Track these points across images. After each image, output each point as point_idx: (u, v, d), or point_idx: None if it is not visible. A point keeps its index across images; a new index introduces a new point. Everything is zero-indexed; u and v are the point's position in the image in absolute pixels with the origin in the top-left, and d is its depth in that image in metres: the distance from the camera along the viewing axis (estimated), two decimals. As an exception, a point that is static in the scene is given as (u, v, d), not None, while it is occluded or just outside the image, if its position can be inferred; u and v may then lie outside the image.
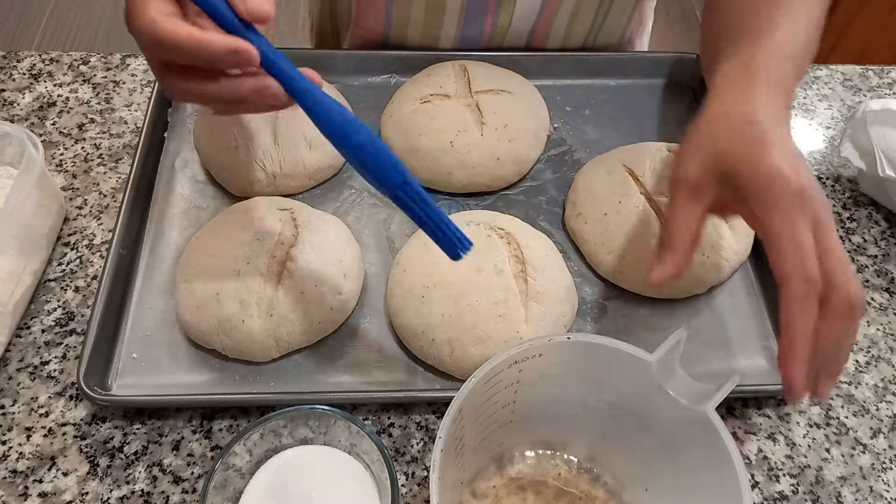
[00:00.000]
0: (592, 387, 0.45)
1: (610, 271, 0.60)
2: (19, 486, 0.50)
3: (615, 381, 0.44)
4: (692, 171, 0.47)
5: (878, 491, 0.52)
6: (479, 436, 0.46)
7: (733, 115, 0.47)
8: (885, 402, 0.57)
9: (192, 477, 0.51)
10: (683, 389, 0.42)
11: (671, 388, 0.42)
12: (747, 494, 0.38)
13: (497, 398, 0.44)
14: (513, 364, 0.43)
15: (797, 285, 0.41)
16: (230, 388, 0.54)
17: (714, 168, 0.46)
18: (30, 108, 0.71)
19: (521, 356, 0.43)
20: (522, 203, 0.66)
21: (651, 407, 0.43)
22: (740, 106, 0.47)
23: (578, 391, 0.46)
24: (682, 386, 0.42)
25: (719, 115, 0.48)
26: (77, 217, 0.64)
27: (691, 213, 0.46)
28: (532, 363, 0.43)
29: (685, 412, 0.41)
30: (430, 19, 0.72)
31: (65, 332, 0.57)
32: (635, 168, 0.62)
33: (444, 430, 0.39)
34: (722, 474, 0.39)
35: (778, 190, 0.43)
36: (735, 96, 0.48)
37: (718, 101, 0.49)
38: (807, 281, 0.41)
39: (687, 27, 2.15)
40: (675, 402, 0.41)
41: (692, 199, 0.47)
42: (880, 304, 0.62)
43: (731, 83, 0.49)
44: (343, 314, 0.56)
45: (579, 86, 0.75)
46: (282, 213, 0.58)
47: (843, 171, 0.72)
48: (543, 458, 0.50)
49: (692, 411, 0.41)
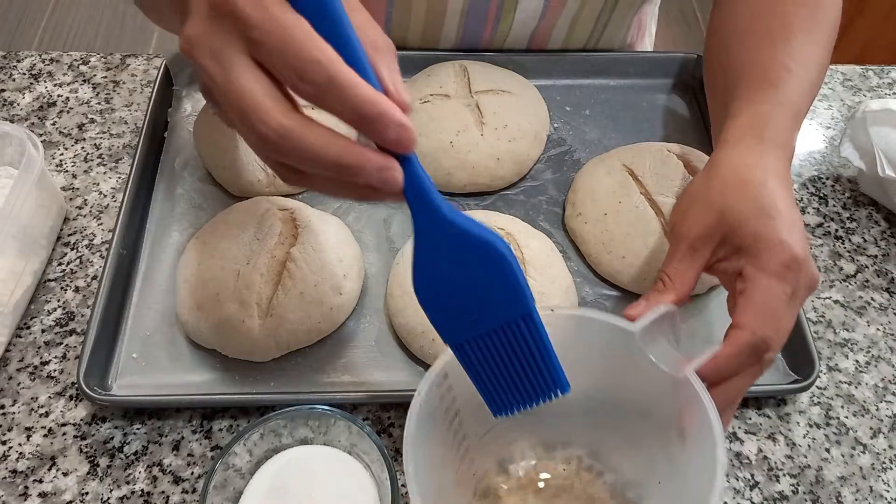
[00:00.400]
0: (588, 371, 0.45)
1: (610, 271, 0.60)
2: (19, 486, 0.50)
3: (604, 356, 0.44)
4: (695, 229, 0.47)
5: (878, 491, 0.52)
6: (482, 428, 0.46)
7: (743, 176, 0.47)
8: (885, 402, 0.57)
9: (192, 477, 0.51)
10: (665, 357, 0.42)
11: (653, 354, 0.42)
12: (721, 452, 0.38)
13: None
14: None
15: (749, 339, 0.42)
16: (230, 388, 0.54)
17: (718, 227, 0.47)
18: (30, 108, 0.71)
19: None
20: (522, 203, 0.66)
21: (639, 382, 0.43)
22: (751, 169, 0.48)
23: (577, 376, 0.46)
24: (664, 354, 0.42)
25: (730, 175, 0.48)
26: (77, 217, 0.64)
27: (689, 269, 0.47)
28: None
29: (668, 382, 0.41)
30: (430, 25, 0.72)
31: (65, 332, 0.57)
32: (635, 168, 0.62)
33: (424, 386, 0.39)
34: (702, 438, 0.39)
35: (773, 255, 0.44)
36: (746, 157, 0.48)
37: (728, 159, 0.49)
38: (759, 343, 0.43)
39: (687, 28, 2.15)
40: (658, 371, 0.42)
41: (691, 256, 0.47)
42: (880, 304, 0.62)
43: (743, 141, 0.50)
44: (343, 314, 0.56)
45: (579, 86, 0.75)
46: (282, 213, 0.58)
47: (843, 171, 0.72)
48: (545, 457, 0.50)
49: (674, 379, 0.41)
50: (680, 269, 0.47)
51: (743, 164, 0.48)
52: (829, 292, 0.63)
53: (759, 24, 0.58)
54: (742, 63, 0.57)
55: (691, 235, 0.47)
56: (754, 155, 0.48)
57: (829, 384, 0.58)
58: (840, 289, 0.63)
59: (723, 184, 0.48)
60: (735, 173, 0.48)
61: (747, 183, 0.47)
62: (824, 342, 0.60)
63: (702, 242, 0.47)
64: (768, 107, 0.51)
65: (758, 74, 0.54)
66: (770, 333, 0.43)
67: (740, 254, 0.46)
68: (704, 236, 0.47)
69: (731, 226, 0.46)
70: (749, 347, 0.42)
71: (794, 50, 0.55)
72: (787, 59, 0.54)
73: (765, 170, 0.47)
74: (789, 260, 0.44)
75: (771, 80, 0.53)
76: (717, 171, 0.49)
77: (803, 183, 0.71)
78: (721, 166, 0.49)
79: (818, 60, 0.56)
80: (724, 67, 0.59)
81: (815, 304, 0.62)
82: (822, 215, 0.68)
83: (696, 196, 0.49)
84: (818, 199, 0.70)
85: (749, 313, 0.43)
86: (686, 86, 0.76)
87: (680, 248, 0.48)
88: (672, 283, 0.47)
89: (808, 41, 0.56)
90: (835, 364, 0.59)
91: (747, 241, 0.45)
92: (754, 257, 0.45)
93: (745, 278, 0.45)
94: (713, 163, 0.50)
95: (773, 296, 0.43)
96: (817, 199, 0.70)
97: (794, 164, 0.72)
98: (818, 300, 0.62)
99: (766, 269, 0.44)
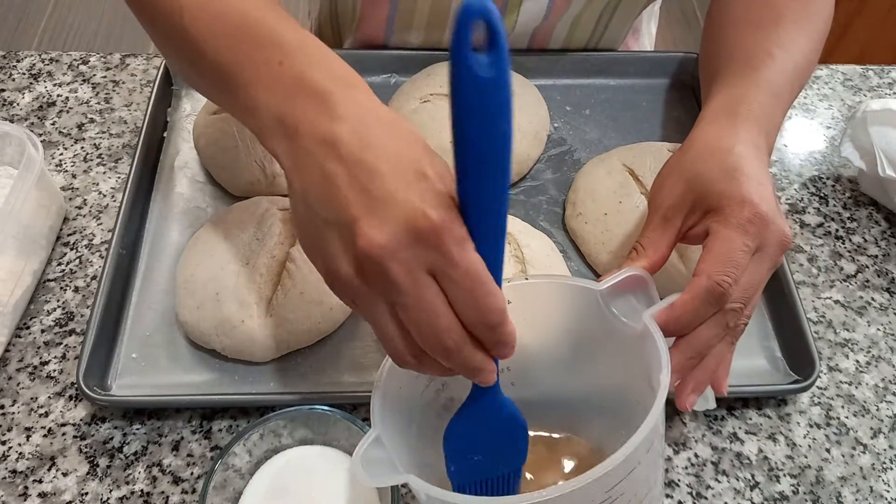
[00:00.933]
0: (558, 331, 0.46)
1: (610, 271, 0.60)
2: (19, 486, 0.50)
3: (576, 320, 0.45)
4: (668, 199, 0.49)
5: (879, 491, 0.52)
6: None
7: (713, 146, 0.49)
8: (885, 402, 0.57)
9: (192, 477, 0.51)
10: (628, 312, 0.43)
11: (616, 308, 0.43)
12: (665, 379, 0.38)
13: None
14: None
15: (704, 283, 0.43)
16: (230, 388, 0.54)
17: (687, 194, 0.48)
18: (29, 108, 0.71)
19: None
20: (522, 203, 0.66)
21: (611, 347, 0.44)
22: (721, 140, 0.49)
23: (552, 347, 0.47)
24: (627, 309, 0.43)
25: (702, 147, 0.49)
26: (77, 217, 0.64)
27: (661, 237, 0.48)
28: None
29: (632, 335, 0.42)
30: (433, 27, 0.72)
31: (64, 332, 0.57)
32: (635, 168, 0.62)
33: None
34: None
35: (736, 209, 0.45)
36: (718, 131, 0.50)
37: (702, 133, 0.51)
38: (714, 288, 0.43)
39: (687, 28, 2.15)
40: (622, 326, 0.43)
41: (663, 225, 0.49)
42: (880, 304, 0.62)
43: (717, 118, 0.51)
44: (343, 314, 0.56)
45: (579, 86, 0.75)
46: (282, 213, 0.58)
47: (843, 171, 0.72)
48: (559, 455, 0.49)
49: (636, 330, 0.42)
50: (653, 238, 0.48)
51: (714, 136, 0.50)
52: (829, 292, 0.63)
53: (752, 14, 0.59)
54: (728, 51, 0.58)
55: (664, 205, 0.49)
56: (726, 128, 0.50)
57: (830, 384, 0.58)
58: (840, 289, 0.63)
59: (694, 154, 0.49)
60: (706, 144, 0.49)
61: (716, 151, 0.48)
62: (825, 342, 0.60)
63: (673, 211, 0.48)
64: (744, 88, 0.52)
65: (741, 60, 0.55)
66: (728, 279, 0.43)
67: (708, 216, 0.46)
68: (675, 205, 0.48)
69: (699, 191, 0.47)
70: (705, 292, 0.43)
71: (781, 38, 0.56)
72: (772, 46, 0.55)
73: (734, 138, 0.48)
74: (752, 215, 0.44)
75: (752, 65, 0.54)
76: (691, 144, 0.50)
77: (803, 183, 0.71)
78: (694, 140, 0.50)
79: (805, 48, 0.56)
80: (714, 56, 0.60)
81: (816, 304, 0.62)
82: (823, 215, 0.68)
83: (670, 169, 0.50)
84: (818, 199, 0.70)
85: (707, 261, 0.44)
86: (686, 86, 0.76)
87: (653, 218, 0.49)
88: (644, 251, 0.48)
89: (797, 30, 0.57)
90: (835, 364, 0.59)
91: (713, 202, 0.46)
92: (718, 214, 0.45)
93: (709, 235, 0.46)
94: (688, 139, 0.51)
95: (733, 247, 0.44)
96: (818, 199, 0.70)
97: (794, 164, 0.72)
98: (818, 300, 0.62)
99: (728, 223, 0.45)
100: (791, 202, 0.69)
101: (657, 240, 0.48)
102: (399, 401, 0.42)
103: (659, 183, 0.51)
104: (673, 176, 0.49)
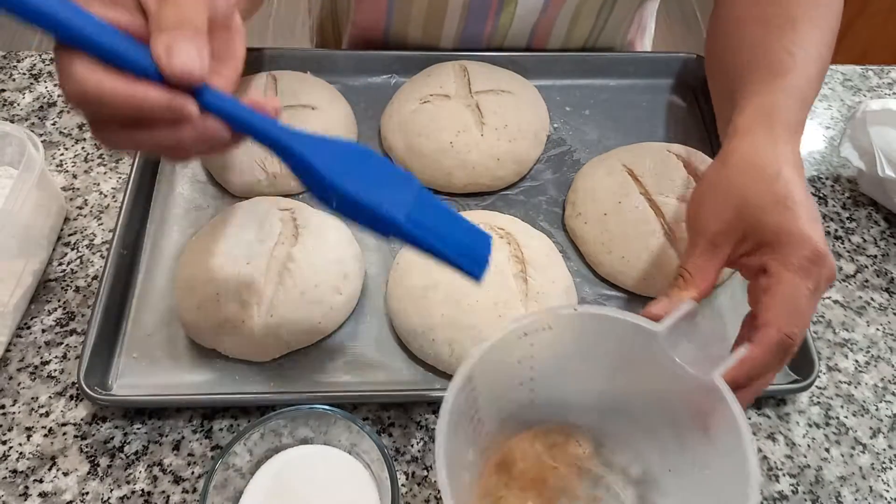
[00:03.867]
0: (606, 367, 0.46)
1: (610, 271, 0.60)
2: (19, 486, 0.50)
3: (626, 357, 0.44)
4: (713, 225, 0.47)
5: (878, 491, 0.52)
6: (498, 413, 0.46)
7: (757, 164, 0.47)
8: (884, 402, 0.57)
9: (193, 477, 0.51)
10: (690, 358, 0.42)
11: (678, 356, 0.42)
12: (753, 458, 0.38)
13: (512, 373, 0.45)
14: (522, 336, 0.43)
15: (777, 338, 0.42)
16: (230, 388, 0.54)
17: (737, 223, 0.46)
18: (30, 108, 0.71)
19: (529, 328, 0.43)
20: (522, 203, 0.66)
21: (662, 382, 0.43)
22: (764, 158, 0.47)
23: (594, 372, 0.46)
24: (688, 355, 0.42)
25: (743, 164, 0.48)
26: (77, 217, 0.64)
27: (709, 264, 0.47)
28: (542, 337, 0.44)
29: (693, 383, 0.41)
30: (431, 18, 0.72)
31: (65, 332, 0.57)
32: (635, 168, 0.62)
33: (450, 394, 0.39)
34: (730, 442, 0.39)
35: (796, 248, 0.44)
36: (757, 146, 0.48)
37: (741, 148, 0.49)
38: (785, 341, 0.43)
39: (687, 28, 2.15)
40: (684, 374, 0.41)
41: (711, 251, 0.47)
42: (880, 304, 0.62)
43: (752, 130, 0.50)
44: (343, 314, 0.56)
45: (579, 86, 0.75)
46: (282, 213, 0.58)
47: (843, 171, 0.72)
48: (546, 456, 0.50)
49: (700, 381, 0.41)
50: (700, 265, 0.47)
51: (755, 152, 0.48)
52: (828, 292, 0.63)
53: (762, 12, 0.58)
54: (745, 53, 0.56)
55: (710, 230, 0.47)
56: (766, 143, 0.48)
57: (829, 384, 0.58)
58: (840, 289, 0.63)
59: (737, 173, 0.47)
60: (748, 162, 0.48)
61: (762, 172, 0.47)
62: (824, 342, 0.60)
63: (722, 238, 0.47)
64: (773, 96, 0.51)
65: (763, 65, 0.54)
66: (797, 331, 0.43)
67: (763, 249, 0.45)
68: (724, 232, 0.46)
69: (751, 221, 0.46)
70: (777, 346, 0.42)
71: (798, 38, 0.54)
72: (791, 46, 0.54)
73: (778, 158, 0.47)
74: (812, 254, 0.43)
75: (776, 71, 0.53)
76: (730, 159, 0.49)
77: (803, 183, 0.71)
78: (733, 154, 0.49)
79: (821, 46, 0.55)
80: (726, 56, 0.59)
81: (815, 304, 0.62)
82: (822, 215, 0.68)
83: (710, 187, 0.49)
84: (818, 199, 0.70)
85: (775, 311, 0.43)
86: (686, 86, 0.76)
87: (699, 243, 0.47)
88: (693, 279, 0.46)
89: (811, 28, 0.55)
90: (834, 364, 0.59)
91: (769, 237, 0.45)
92: (778, 252, 0.44)
93: (769, 274, 0.44)
94: (725, 152, 0.49)
95: (798, 293, 0.43)
96: (817, 199, 0.70)
97: (794, 164, 0.72)
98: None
99: (790, 264, 0.44)
100: (791, 202, 0.69)
101: (705, 267, 0.46)
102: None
103: (697, 202, 0.49)
104: (716, 197, 0.47)
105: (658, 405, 0.45)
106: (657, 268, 0.58)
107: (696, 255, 0.47)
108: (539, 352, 0.45)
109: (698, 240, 0.47)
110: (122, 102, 0.35)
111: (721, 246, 0.47)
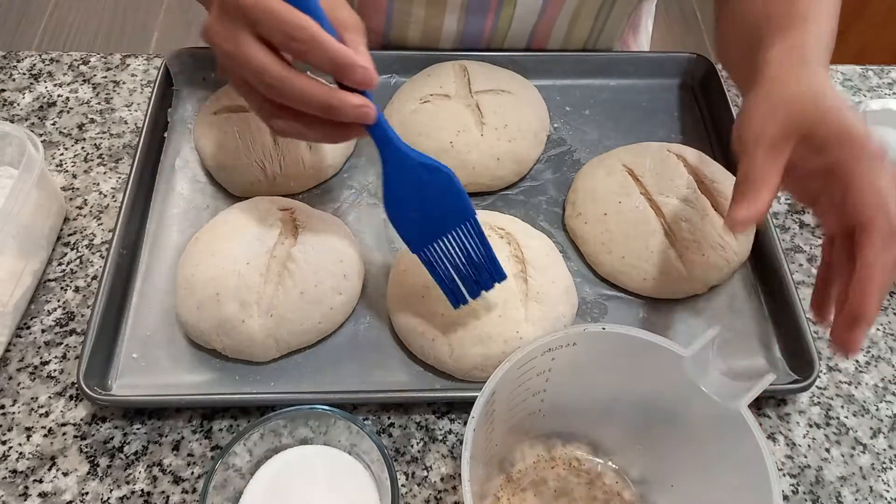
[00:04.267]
0: (623, 379, 0.46)
1: (610, 271, 0.60)
2: (19, 486, 0.50)
3: (647, 374, 0.44)
4: (771, 129, 0.46)
5: (878, 491, 0.52)
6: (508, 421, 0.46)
7: (804, 88, 0.47)
8: (885, 402, 0.57)
9: (192, 477, 0.51)
10: (716, 386, 0.42)
11: (704, 384, 0.42)
12: (777, 492, 0.38)
13: (529, 385, 0.45)
14: (546, 351, 0.43)
15: (882, 224, 0.42)
16: (230, 388, 0.54)
17: (795, 125, 0.46)
18: (30, 108, 0.71)
19: (554, 344, 0.43)
20: (522, 203, 0.66)
21: (681, 402, 0.43)
22: (807, 84, 0.47)
23: (609, 383, 0.46)
24: (715, 383, 0.42)
25: (788, 87, 0.47)
26: (77, 217, 0.64)
27: (773, 167, 0.46)
28: (565, 352, 0.44)
29: (716, 409, 0.41)
30: (431, 18, 0.72)
31: (65, 332, 0.57)
32: (635, 168, 0.62)
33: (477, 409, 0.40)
34: (751, 472, 0.39)
35: (859, 144, 0.44)
36: (796, 76, 0.48)
37: (779, 78, 0.49)
38: (890, 223, 0.42)
39: (687, 28, 2.15)
40: (707, 398, 0.42)
41: (773, 154, 0.46)
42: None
43: (788, 64, 0.49)
44: (343, 314, 0.56)
45: (579, 86, 0.75)
46: (282, 213, 0.58)
47: (843, 171, 0.72)
48: (546, 458, 0.50)
49: (724, 408, 0.41)
50: (765, 170, 0.45)
51: (797, 82, 0.48)
52: (829, 292, 0.63)
53: None
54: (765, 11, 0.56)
55: (768, 134, 0.46)
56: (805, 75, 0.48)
57: (829, 384, 0.58)
58: (840, 289, 0.63)
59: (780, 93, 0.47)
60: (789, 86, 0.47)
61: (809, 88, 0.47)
62: (824, 342, 0.60)
63: (781, 140, 0.45)
64: (800, 39, 0.51)
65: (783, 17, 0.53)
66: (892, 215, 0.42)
67: (825, 150, 0.45)
68: (783, 136, 0.46)
69: (808, 122, 0.45)
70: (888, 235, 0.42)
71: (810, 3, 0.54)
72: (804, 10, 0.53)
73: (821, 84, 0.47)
74: (873, 148, 0.44)
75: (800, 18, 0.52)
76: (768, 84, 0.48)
77: (803, 183, 0.71)
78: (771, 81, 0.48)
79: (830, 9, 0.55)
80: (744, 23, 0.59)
81: (815, 304, 0.62)
82: (822, 215, 0.68)
83: (759, 101, 0.48)
84: (818, 199, 0.70)
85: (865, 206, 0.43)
86: (686, 86, 0.76)
87: (757, 152, 0.46)
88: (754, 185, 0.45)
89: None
90: (835, 364, 0.59)
91: (831, 137, 0.44)
92: (844, 150, 0.44)
93: (843, 171, 0.44)
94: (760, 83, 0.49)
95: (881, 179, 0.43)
96: (817, 199, 0.70)
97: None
98: (818, 300, 0.62)
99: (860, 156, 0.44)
100: (791, 202, 0.69)
101: (769, 172, 0.45)
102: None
103: (747, 115, 0.48)
104: (770, 105, 0.47)
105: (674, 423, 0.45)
106: (657, 267, 0.58)
107: (758, 163, 0.46)
108: (558, 365, 0.45)
109: (756, 150, 0.46)
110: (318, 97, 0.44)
111: (781, 149, 0.46)
